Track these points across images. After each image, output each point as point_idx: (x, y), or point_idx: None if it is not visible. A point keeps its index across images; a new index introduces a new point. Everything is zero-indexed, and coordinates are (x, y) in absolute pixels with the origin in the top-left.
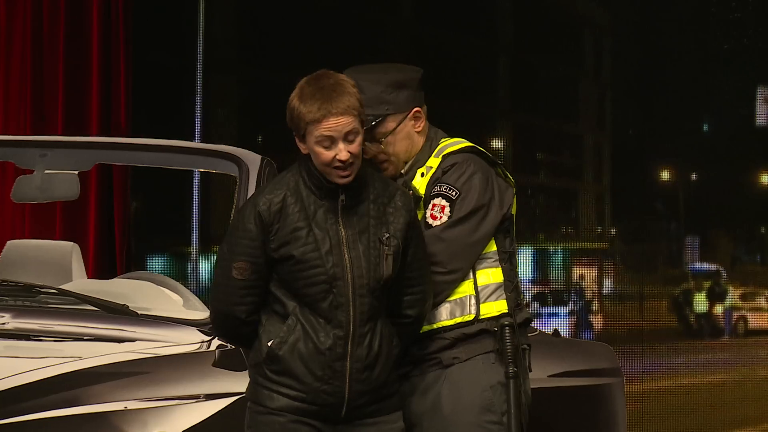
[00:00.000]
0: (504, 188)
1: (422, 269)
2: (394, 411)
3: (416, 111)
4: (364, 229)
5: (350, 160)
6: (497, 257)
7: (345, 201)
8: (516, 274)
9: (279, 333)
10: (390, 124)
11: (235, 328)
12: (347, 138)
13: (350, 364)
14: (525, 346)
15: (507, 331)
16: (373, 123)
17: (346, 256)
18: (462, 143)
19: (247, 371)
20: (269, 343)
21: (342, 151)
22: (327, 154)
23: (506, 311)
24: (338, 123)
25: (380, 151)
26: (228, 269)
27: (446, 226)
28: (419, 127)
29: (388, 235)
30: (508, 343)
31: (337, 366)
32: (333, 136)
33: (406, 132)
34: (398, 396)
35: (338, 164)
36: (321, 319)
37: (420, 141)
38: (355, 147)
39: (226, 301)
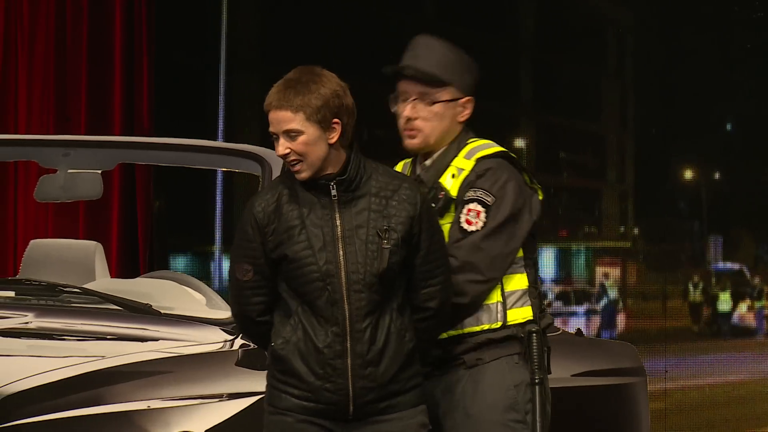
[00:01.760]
0: (530, 195)
1: (439, 260)
2: (411, 407)
3: (468, 99)
4: (362, 223)
5: (292, 157)
6: (523, 262)
7: (337, 196)
8: (538, 277)
9: (282, 333)
10: (446, 95)
11: (249, 327)
12: (288, 134)
13: (351, 361)
14: (545, 348)
15: (534, 338)
16: (433, 86)
17: (341, 251)
18: (494, 147)
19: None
20: (273, 344)
21: (280, 146)
22: (276, 148)
23: (531, 318)
24: (276, 118)
25: (412, 126)
26: (233, 271)
27: (485, 236)
28: (463, 116)
29: (387, 227)
30: (535, 351)
31: (337, 363)
32: (274, 132)
33: (450, 115)
34: (417, 391)
35: (284, 160)
36: (320, 317)
37: (453, 132)
38: (297, 145)
39: (237, 302)
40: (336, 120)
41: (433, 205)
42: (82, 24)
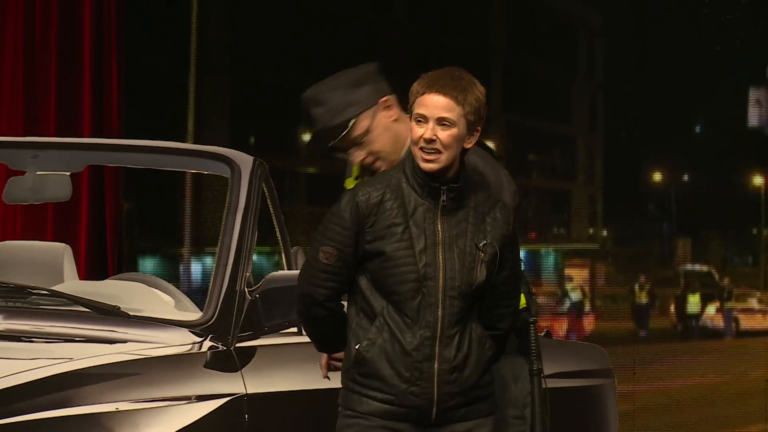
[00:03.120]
0: (509, 178)
1: (516, 283)
2: (486, 415)
3: (384, 101)
4: (461, 232)
5: (435, 146)
6: None
7: (446, 202)
8: (524, 266)
9: (367, 335)
10: (364, 123)
11: (312, 308)
12: (441, 122)
13: (438, 365)
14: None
15: (531, 329)
16: (348, 128)
17: (440, 257)
18: None
19: (240, 373)
20: (357, 347)
21: (428, 130)
22: (416, 131)
23: (525, 305)
24: (434, 101)
25: (366, 154)
26: (316, 251)
27: None
28: (394, 116)
29: (485, 241)
30: (532, 341)
31: (425, 367)
32: (425, 114)
33: (383, 125)
34: (492, 399)
35: (423, 144)
36: (408, 319)
37: (404, 129)
38: (445, 135)
39: (308, 281)
40: (479, 128)
41: None
42: (51, 25)
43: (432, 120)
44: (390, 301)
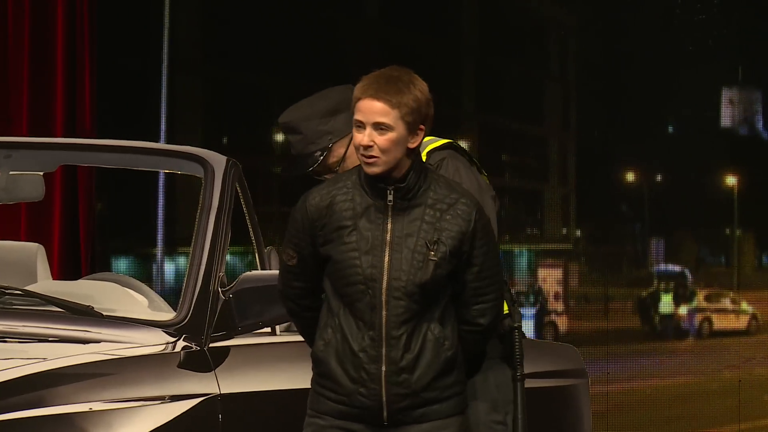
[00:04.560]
0: (486, 184)
1: (493, 278)
2: (448, 416)
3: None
4: (413, 232)
5: (372, 152)
6: None
7: (393, 201)
8: (506, 273)
9: (324, 336)
10: (339, 151)
11: (287, 303)
12: (377, 127)
13: (385, 367)
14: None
15: (516, 335)
16: (323, 156)
17: (387, 257)
18: (441, 140)
19: (213, 373)
20: (314, 347)
21: (365, 137)
22: (357, 137)
23: (507, 312)
24: (369, 107)
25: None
26: (283, 252)
27: None
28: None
29: (436, 239)
30: (517, 347)
31: (372, 369)
32: (362, 120)
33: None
34: (457, 400)
35: (362, 150)
36: (359, 320)
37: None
38: (382, 140)
39: (280, 279)
40: (422, 127)
41: None
42: (24, 24)
43: (369, 125)
44: (343, 303)
